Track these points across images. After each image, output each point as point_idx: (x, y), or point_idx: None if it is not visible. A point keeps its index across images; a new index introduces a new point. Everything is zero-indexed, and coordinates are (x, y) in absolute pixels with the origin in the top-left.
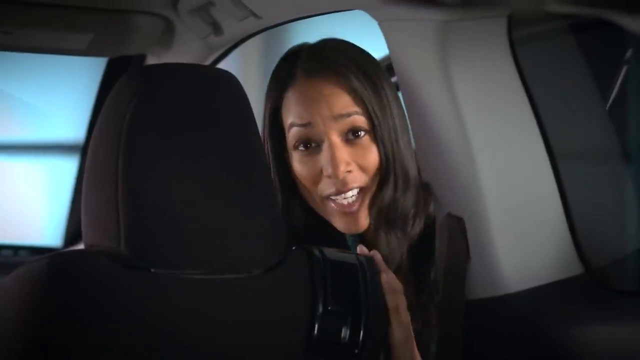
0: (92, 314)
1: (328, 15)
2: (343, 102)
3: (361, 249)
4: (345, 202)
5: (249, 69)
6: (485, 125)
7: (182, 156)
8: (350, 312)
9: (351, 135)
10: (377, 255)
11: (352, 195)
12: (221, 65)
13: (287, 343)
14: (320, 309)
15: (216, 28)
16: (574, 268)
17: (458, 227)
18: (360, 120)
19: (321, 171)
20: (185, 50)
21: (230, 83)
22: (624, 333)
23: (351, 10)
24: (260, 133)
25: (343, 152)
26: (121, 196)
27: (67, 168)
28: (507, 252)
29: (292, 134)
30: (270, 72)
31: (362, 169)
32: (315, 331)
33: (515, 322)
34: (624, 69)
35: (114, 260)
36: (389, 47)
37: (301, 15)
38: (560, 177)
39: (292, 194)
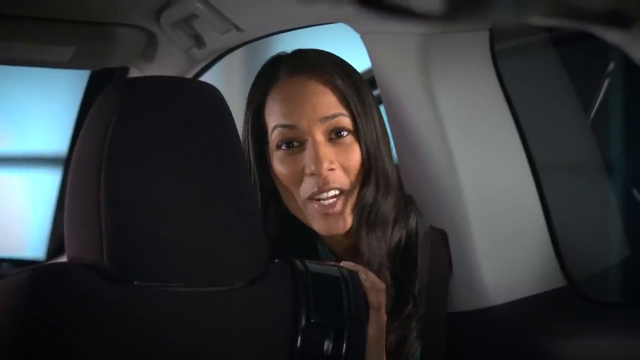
0: (74, 327)
1: (311, 28)
2: (328, 102)
3: (346, 263)
4: (326, 202)
5: (231, 81)
6: (467, 137)
7: (164, 169)
8: (333, 325)
9: (334, 135)
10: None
11: (333, 196)
12: (204, 78)
13: (270, 355)
14: (303, 322)
15: (198, 41)
16: (556, 280)
17: (440, 239)
18: (345, 121)
19: (303, 170)
20: (167, 63)
21: (212, 96)
22: (606, 345)
23: (333, 23)
24: (240, 136)
25: (326, 150)
26: (103, 209)
27: (50, 180)
28: (489, 264)
29: (276, 135)
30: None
31: (345, 169)
32: (298, 344)
33: (497, 334)
34: (606, 81)
35: (96, 273)
36: (371, 59)
37: (284, 29)
38: (542, 189)
39: (270, 196)
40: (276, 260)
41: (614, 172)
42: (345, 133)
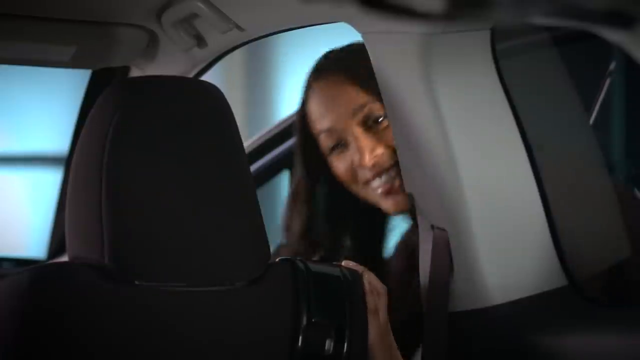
0: (75, 327)
1: (312, 27)
2: (354, 95)
3: (347, 263)
4: (388, 184)
5: (232, 80)
6: (468, 137)
7: (165, 169)
8: (334, 325)
9: (372, 122)
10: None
11: (389, 178)
12: (205, 77)
13: (271, 355)
14: (304, 321)
15: (200, 40)
16: (558, 280)
17: (441, 239)
18: (376, 107)
19: (354, 163)
20: (169, 63)
21: (214, 95)
22: (607, 345)
23: (335, 22)
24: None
25: (367, 141)
26: (105, 209)
27: (51, 180)
28: (490, 264)
29: (322, 140)
30: (253, 83)
31: (392, 149)
32: (299, 343)
33: (498, 334)
34: (607, 81)
35: (97, 273)
36: (372, 59)
37: (285, 28)
38: (543, 189)
39: (338, 191)
40: (277, 260)
41: (616, 171)
42: (381, 119)
